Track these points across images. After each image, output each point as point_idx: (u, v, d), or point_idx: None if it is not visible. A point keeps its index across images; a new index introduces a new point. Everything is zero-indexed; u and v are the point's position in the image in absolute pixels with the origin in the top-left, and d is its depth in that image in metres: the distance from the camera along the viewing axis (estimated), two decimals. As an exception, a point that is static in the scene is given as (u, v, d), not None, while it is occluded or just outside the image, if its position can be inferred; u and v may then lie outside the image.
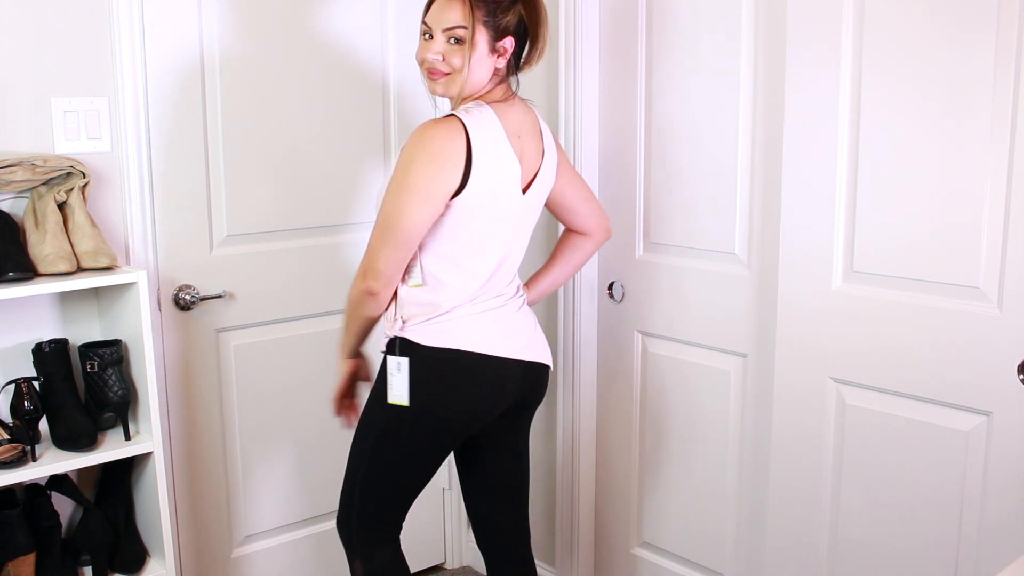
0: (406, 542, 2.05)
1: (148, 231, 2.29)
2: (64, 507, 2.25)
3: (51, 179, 2.09)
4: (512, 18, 1.84)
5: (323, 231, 2.62)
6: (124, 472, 2.24)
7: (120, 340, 2.18)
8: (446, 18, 1.82)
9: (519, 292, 2.01)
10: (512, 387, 1.96)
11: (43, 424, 2.13)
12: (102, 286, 2.08)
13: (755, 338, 2.24)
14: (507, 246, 1.92)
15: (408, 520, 2.04)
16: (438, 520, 2.97)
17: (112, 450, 2.11)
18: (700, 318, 2.35)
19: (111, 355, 2.11)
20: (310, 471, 2.69)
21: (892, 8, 1.85)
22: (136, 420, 2.20)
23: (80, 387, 2.18)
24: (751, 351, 2.26)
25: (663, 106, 2.35)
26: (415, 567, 2.22)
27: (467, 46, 1.82)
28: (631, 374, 2.55)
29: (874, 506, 2.01)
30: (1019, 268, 1.74)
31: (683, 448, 2.45)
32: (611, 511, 2.68)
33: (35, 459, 2.04)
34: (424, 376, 1.87)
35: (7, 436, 2.04)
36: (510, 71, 1.91)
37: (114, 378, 2.11)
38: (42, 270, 2.01)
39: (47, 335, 2.19)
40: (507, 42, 1.85)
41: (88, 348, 2.13)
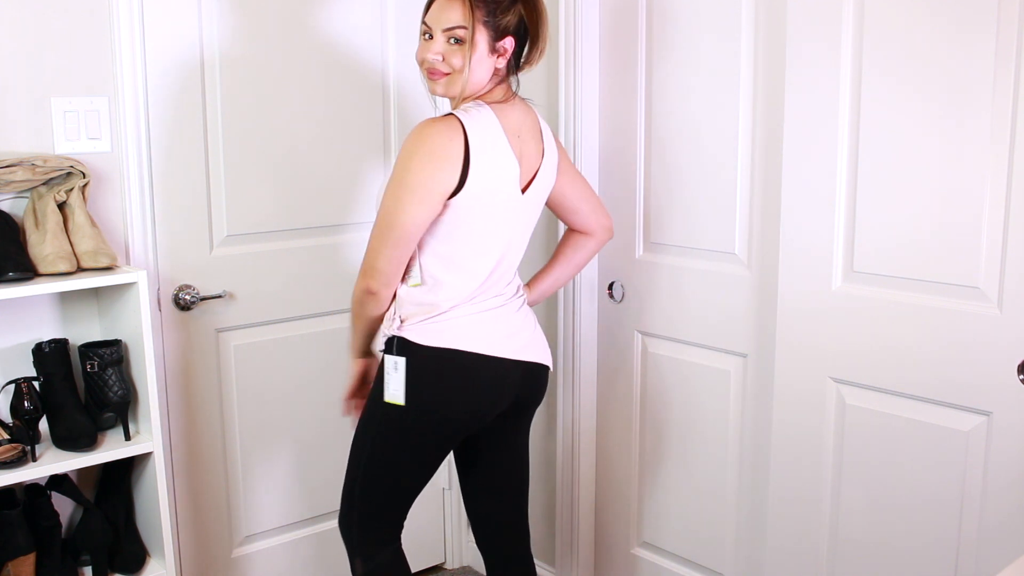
0: (406, 542, 2.05)
1: (148, 231, 2.29)
2: (64, 507, 2.25)
3: (51, 179, 2.09)
4: (512, 18, 1.84)
5: (323, 231, 2.62)
6: (124, 472, 2.24)
7: (120, 340, 2.18)
8: (446, 18, 1.82)
9: (519, 292, 2.01)
10: (511, 387, 1.95)
11: (43, 424, 2.13)
12: (102, 286, 2.08)
13: (755, 338, 2.24)
14: (506, 245, 1.92)
15: (408, 520, 2.04)
16: (438, 520, 2.97)
17: (112, 450, 2.11)
18: (700, 318, 2.35)
19: (111, 355, 2.11)
20: (310, 471, 2.69)
21: (892, 8, 1.85)
22: (136, 420, 2.20)
23: (80, 387, 2.18)
24: (751, 351, 2.26)
25: (663, 106, 2.35)
26: (415, 567, 2.22)
27: (467, 46, 1.82)
28: (631, 374, 2.55)
29: (874, 506, 2.01)
30: (1019, 268, 1.74)
31: (683, 448, 2.45)
32: (611, 511, 2.68)
33: (35, 459, 2.04)
34: (423, 376, 1.87)
35: (7, 436, 2.04)
36: (510, 71, 1.91)
37: (114, 378, 2.11)
38: (42, 270, 2.01)
39: (47, 335, 2.19)
40: (507, 42, 1.85)
41: (88, 348, 2.13)
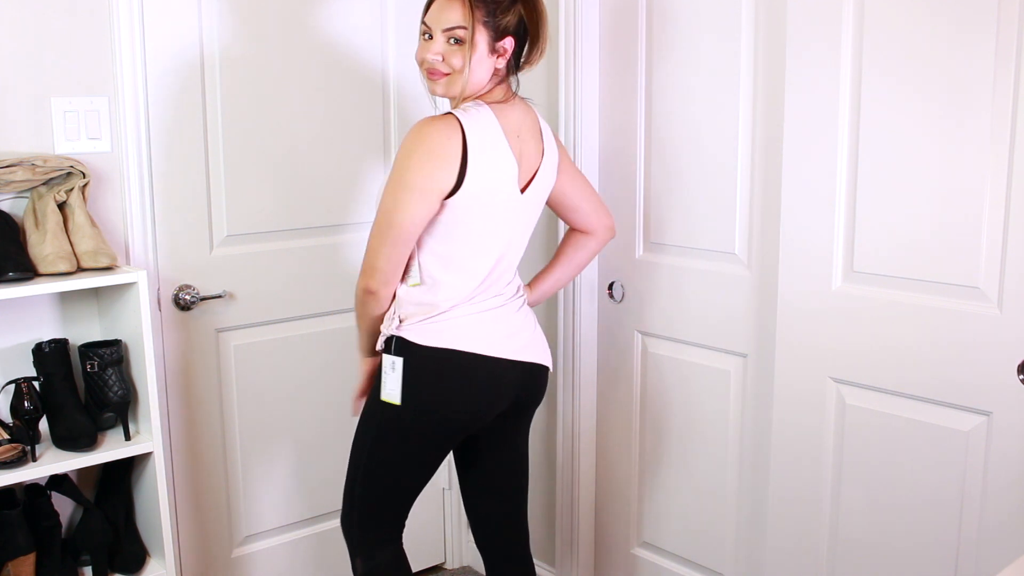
0: (406, 542, 2.05)
1: (148, 231, 2.29)
2: (64, 507, 2.25)
3: (51, 179, 2.09)
4: (512, 18, 1.84)
5: (323, 231, 2.62)
6: (124, 472, 2.24)
7: (120, 340, 2.18)
8: (446, 18, 1.82)
9: (519, 292, 2.01)
10: (510, 388, 1.95)
11: (43, 424, 2.13)
12: (102, 286, 2.08)
13: (755, 338, 2.24)
14: (505, 245, 1.92)
15: (408, 520, 2.04)
16: (438, 520, 2.97)
17: (112, 450, 2.11)
18: (700, 318, 2.35)
19: (111, 355, 2.11)
20: (310, 471, 2.69)
21: (892, 8, 1.85)
22: (136, 420, 2.20)
23: (80, 387, 2.18)
24: (751, 351, 2.26)
25: (663, 106, 2.35)
26: (415, 567, 2.21)
27: (467, 46, 1.81)
28: (631, 374, 2.55)
29: (874, 506, 2.01)
30: (1019, 268, 1.74)
31: (683, 448, 2.45)
32: (611, 511, 2.68)
33: (35, 459, 2.04)
34: (422, 376, 1.87)
35: (7, 436, 2.04)
36: (510, 71, 1.91)
37: (114, 378, 2.11)
38: (42, 270, 2.01)
39: (47, 335, 2.19)
40: (507, 42, 1.85)
41: (88, 348, 2.13)
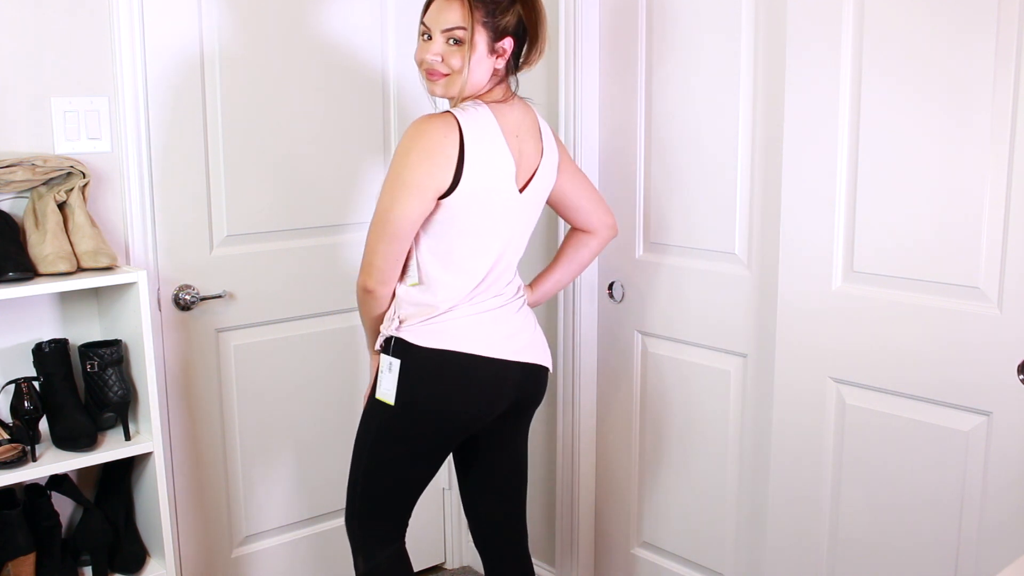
0: (406, 542, 2.05)
1: (148, 231, 2.29)
2: (64, 507, 2.25)
3: (51, 179, 2.09)
4: (511, 19, 1.84)
5: (323, 231, 2.62)
6: (124, 472, 2.24)
7: (120, 340, 2.18)
8: (445, 19, 1.82)
9: (519, 293, 2.01)
10: (510, 388, 1.95)
11: (43, 424, 2.13)
12: (102, 286, 2.08)
13: (755, 338, 2.24)
14: (504, 245, 1.92)
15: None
16: (438, 520, 2.97)
17: (112, 450, 2.11)
18: (700, 318, 2.35)
19: (111, 355, 2.11)
20: (310, 471, 2.69)
21: (892, 8, 1.84)
22: (136, 420, 2.20)
23: (80, 387, 2.18)
24: (751, 351, 2.25)
25: (663, 106, 2.35)
26: (415, 567, 2.21)
27: (466, 47, 1.81)
28: (631, 374, 2.55)
29: (874, 506, 2.01)
30: (1019, 268, 1.74)
31: (683, 448, 2.45)
32: (611, 511, 2.68)
33: (35, 459, 2.04)
34: (422, 376, 1.87)
35: (7, 436, 2.04)
36: (509, 71, 1.91)
37: (114, 378, 2.11)
38: (42, 270, 2.01)
39: (47, 335, 2.19)
40: (506, 43, 1.85)
41: (88, 348, 2.13)
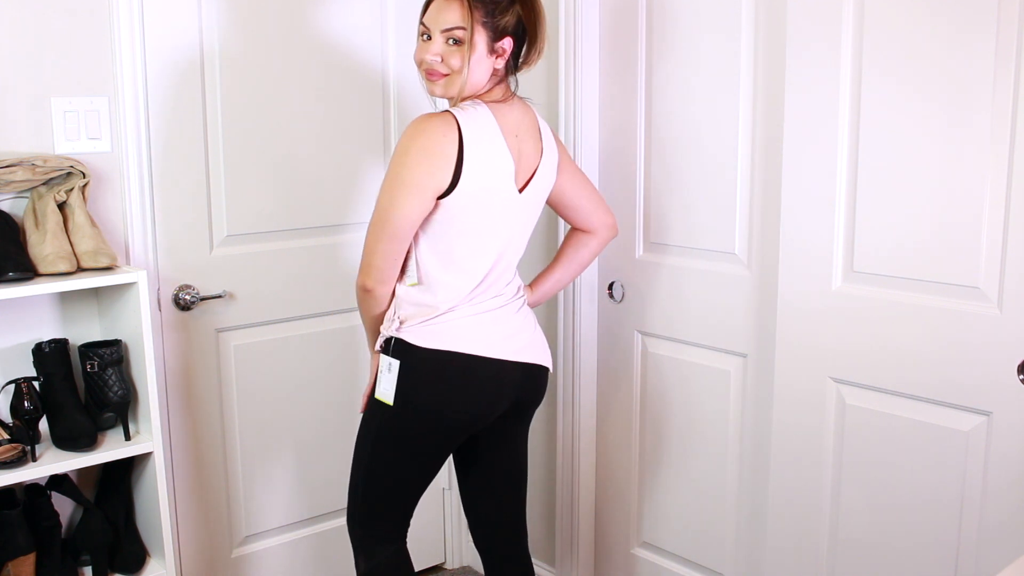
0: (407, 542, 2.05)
1: (148, 231, 2.29)
2: (64, 507, 2.25)
3: (51, 179, 2.09)
4: (510, 19, 1.84)
5: (323, 231, 2.62)
6: (124, 472, 2.24)
7: (120, 340, 2.18)
8: (444, 19, 1.82)
9: (519, 293, 2.01)
10: (510, 389, 1.95)
11: (43, 424, 2.13)
12: (102, 286, 2.08)
13: (755, 338, 2.24)
14: (504, 244, 1.91)
15: (409, 520, 2.05)
16: (438, 520, 2.97)
17: (112, 450, 2.11)
18: (700, 318, 2.35)
19: (111, 355, 2.11)
20: (310, 471, 2.69)
21: (892, 8, 1.84)
22: (136, 420, 2.20)
23: (80, 387, 2.18)
24: (751, 351, 2.25)
25: (663, 106, 2.35)
26: (415, 567, 2.22)
27: (466, 47, 1.81)
28: (631, 374, 2.55)
29: (874, 506, 2.01)
30: (1019, 268, 1.74)
31: (683, 448, 2.45)
32: (611, 511, 2.68)
33: (35, 459, 2.04)
34: (422, 377, 1.87)
35: (7, 436, 2.04)
36: (509, 71, 1.91)
37: (114, 378, 2.11)
38: (42, 270, 2.01)
39: (47, 335, 2.19)
40: (505, 43, 1.85)
41: (88, 348, 2.13)
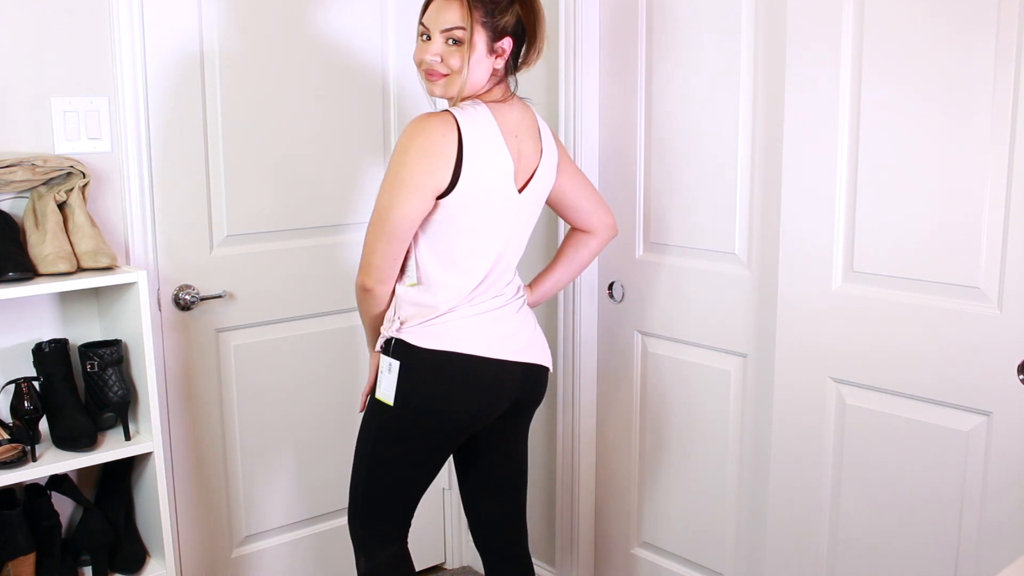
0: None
1: (148, 231, 2.29)
2: (64, 507, 2.25)
3: (51, 179, 2.09)
4: (510, 19, 1.84)
5: (323, 231, 2.62)
6: (124, 472, 2.24)
7: (120, 340, 2.18)
8: (444, 19, 1.82)
9: (519, 293, 2.01)
10: (511, 389, 1.95)
11: (43, 424, 2.13)
12: (102, 286, 2.08)
13: (755, 338, 2.24)
14: (503, 245, 1.91)
15: (409, 520, 2.05)
16: (438, 520, 2.97)
17: (112, 450, 2.11)
18: (700, 318, 2.35)
19: (111, 355, 2.11)
20: (310, 471, 2.69)
21: (892, 8, 1.84)
22: (136, 420, 2.20)
23: (80, 387, 2.18)
24: (751, 351, 2.25)
25: (663, 106, 2.35)
26: (415, 567, 2.22)
27: (465, 47, 1.81)
28: (631, 374, 2.55)
29: (874, 506, 2.01)
30: (1019, 268, 1.74)
31: (683, 448, 2.45)
32: (611, 511, 2.68)
33: (35, 459, 2.04)
34: (422, 377, 1.87)
35: (7, 436, 2.04)
36: (508, 71, 1.91)
37: (114, 378, 2.11)
38: (42, 270, 2.01)
39: (47, 335, 2.19)
40: (505, 43, 1.85)
41: (88, 348, 2.13)
